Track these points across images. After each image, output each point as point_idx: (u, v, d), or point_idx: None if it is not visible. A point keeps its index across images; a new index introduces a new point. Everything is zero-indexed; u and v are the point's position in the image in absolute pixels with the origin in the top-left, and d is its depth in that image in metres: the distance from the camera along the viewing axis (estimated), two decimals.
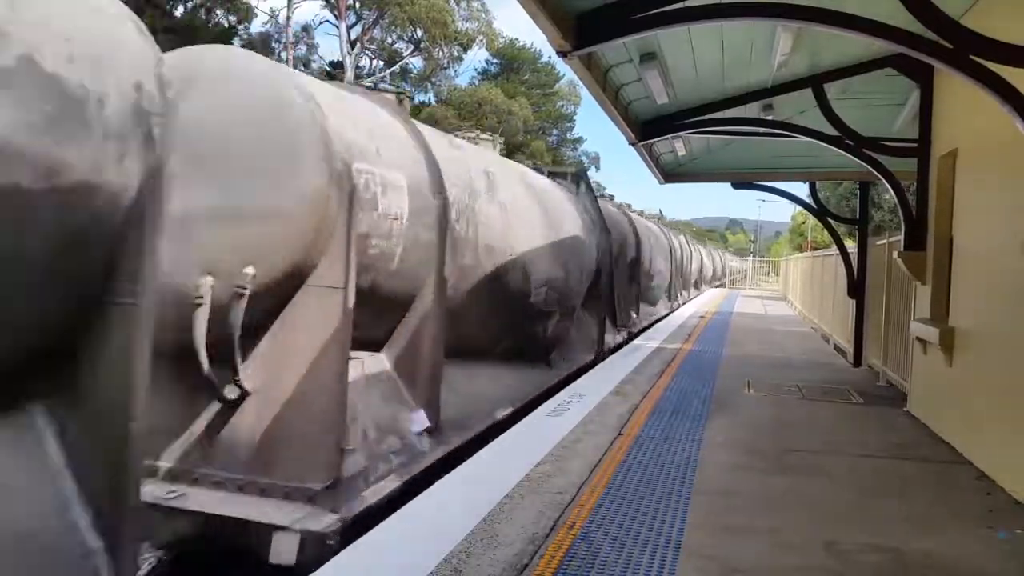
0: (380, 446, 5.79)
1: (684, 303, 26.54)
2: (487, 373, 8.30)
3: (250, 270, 4.88)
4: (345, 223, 5.22)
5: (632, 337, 15.01)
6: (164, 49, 3.56)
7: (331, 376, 5.10)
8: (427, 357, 6.56)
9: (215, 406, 5.16)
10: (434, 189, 6.74)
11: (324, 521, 4.71)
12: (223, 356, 4.95)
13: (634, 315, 16.70)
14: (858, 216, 13.08)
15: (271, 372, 5.15)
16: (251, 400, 5.13)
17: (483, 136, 11.78)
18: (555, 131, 53.96)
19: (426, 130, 7.52)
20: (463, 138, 9.97)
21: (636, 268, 17.05)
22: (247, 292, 4.88)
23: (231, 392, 5.07)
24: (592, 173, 58.16)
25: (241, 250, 4.91)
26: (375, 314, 6.10)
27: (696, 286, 34.79)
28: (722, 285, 50.33)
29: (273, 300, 5.14)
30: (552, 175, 12.85)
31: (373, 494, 5.32)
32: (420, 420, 6.33)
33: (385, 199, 5.95)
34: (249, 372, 5.12)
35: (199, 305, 4.84)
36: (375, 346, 6.42)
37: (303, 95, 5.29)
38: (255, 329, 5.13)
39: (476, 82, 48.23)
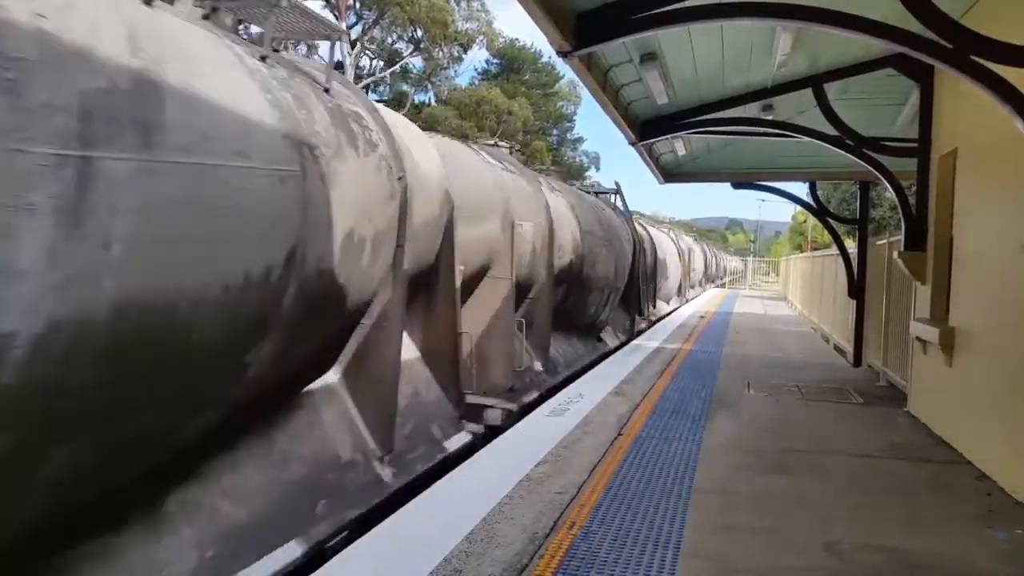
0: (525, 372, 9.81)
1: (690, 300, 30.10)
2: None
3: (461, 267, 7.75)
4: (509, 248, 9.26)
5: (652, 324, 18.91)
6: None
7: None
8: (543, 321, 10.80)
9: None
10: (544, 221, 10.70)
11: (512, 404, 8.37)
12: None
13: (652, 307, 21.05)
14: (858, 216, 13.08)
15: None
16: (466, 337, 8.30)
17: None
18: (555, 131, 53.91)
19: (542, 179, 12.18)
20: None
21: (654, 272, 21.42)
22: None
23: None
24: (592, 173, 58.16)
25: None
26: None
27: (700, 284, 38.69)
28: (722, 285, 50.36)
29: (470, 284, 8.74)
30: (598, 194, 17.02)
31: (527, 396, 9.22)
32: (538, 364, 10.49)
33: (525, 236, 9.91)
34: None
35: None
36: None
37: (497, 182, 9.41)
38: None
39: (476, 82, 48.21)
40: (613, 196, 17.25)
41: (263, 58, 4.76)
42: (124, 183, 3.26)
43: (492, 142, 12.88)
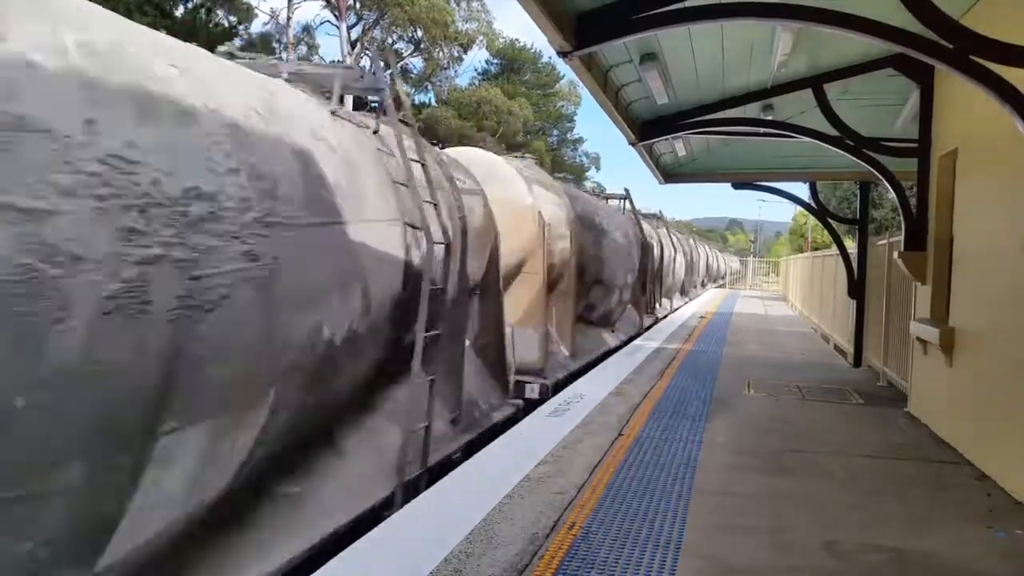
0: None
1: (708, 290, 38.24)
2: None
3: None
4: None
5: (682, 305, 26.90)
6: None
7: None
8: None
9: None
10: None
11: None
12: None
13: (693, 290, 31.87)
14: (858, 216, 13.08)
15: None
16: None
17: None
18: (555, 131, 53.96)
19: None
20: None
21: (692, 268, 31.39)
22: None
23: None
24: (592, 173, 58.17)
25: None
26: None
27: (713, 280, 45.50)
28: (723, 285, 50.40)
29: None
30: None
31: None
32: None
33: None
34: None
35: None
36: None
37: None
38: None
39: (476, 82, 48.21)
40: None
41: None
42: None
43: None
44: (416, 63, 41.66)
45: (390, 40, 39.80)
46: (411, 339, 5.69)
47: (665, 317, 20.29)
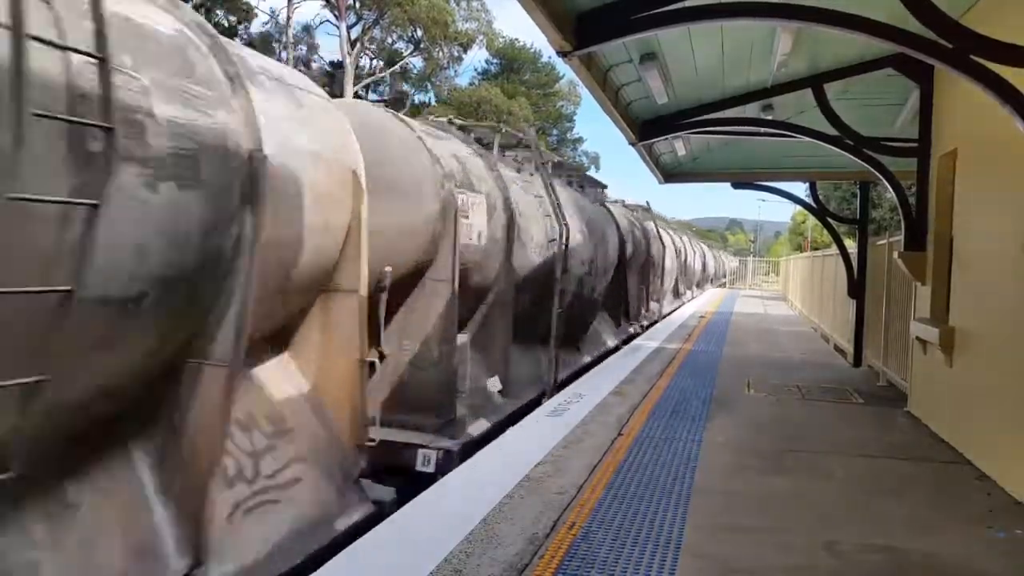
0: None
1: (713, 287, 40.65)
2: None
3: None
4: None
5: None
6: None
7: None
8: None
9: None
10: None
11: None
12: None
13: (707, 284, 34.17)
14: (858, 216, 13.09)
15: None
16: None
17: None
18: (555, 131, 53.93)
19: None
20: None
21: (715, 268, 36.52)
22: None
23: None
24: (592, 173, 58.20)
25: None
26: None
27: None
28: (723, 285, 50.44)
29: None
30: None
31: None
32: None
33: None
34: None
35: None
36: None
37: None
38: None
39: (476, 82, 48.18)
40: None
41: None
42: None
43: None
44: (416, 63, 41.65)
45: (390, 40, 39.82)
46: None
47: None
